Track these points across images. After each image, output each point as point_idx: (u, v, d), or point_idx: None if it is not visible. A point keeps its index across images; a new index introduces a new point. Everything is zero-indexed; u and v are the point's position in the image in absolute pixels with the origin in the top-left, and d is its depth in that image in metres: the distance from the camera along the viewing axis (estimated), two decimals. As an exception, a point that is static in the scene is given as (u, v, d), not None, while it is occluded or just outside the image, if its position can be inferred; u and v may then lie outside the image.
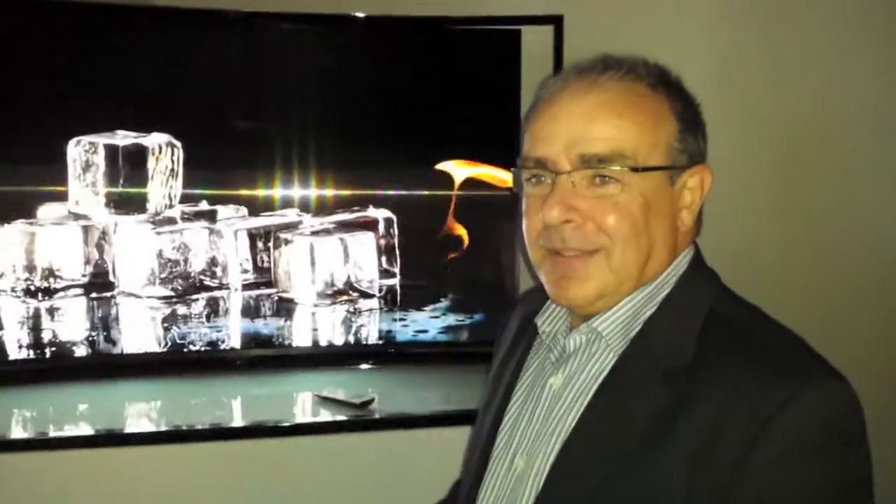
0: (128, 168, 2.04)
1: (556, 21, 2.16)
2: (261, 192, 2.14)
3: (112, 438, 1.78)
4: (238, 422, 1.93)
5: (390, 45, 2.21)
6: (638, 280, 0.99)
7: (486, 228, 2.23)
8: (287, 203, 2.16)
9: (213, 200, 2.12)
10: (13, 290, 1.99)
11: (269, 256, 2.16)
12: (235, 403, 2.04)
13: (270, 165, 2.14)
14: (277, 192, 2.15)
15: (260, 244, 2.15)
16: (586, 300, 1.00)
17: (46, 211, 2.01)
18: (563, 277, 1.00)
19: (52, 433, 1.79)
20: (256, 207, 2.15)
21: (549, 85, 1.03)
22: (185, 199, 2.10)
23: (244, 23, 2.14)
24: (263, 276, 2.17)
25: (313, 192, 2.16)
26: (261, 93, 2.14)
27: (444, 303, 2.24)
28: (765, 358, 0.90)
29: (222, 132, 2.12)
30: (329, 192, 2.17)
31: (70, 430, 1.80)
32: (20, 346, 2.01)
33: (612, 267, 0.98)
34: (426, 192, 2.19)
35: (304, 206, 2.16)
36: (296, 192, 2.16)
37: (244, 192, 2.13)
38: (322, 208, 2.17)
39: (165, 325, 2.10)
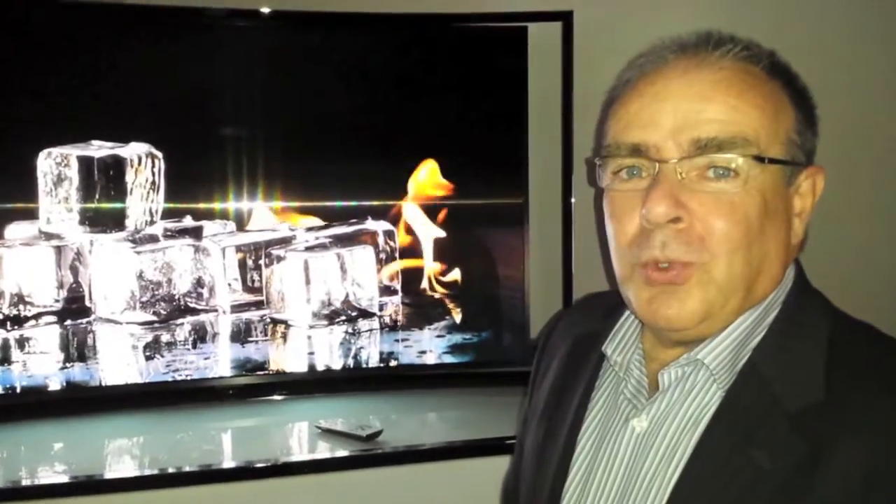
0: (104, 181, 1.87)
1: (566, 17, 2.05)
2: (249, 205, 1.98)
3: (91, 485, 1.60)
4: (229, 460, 1.77)
5: (392, 45, 2.07)
6: (746, 299, 0.84)
7: (492, 239, 2.09)
8: (277, 216, 2.00)
9: (199, 215, 1.95)
10: (-22, 318, 1.81)
11: (259, 275, 1.99)
12: (226, 437, 1.88)
13: (259, 176, 1.98)
14: (268, 205, 1.98)
15: (250, 262, 1.98)
16: (690, 321, 0.83)
17: (14, 230, 1.83)
18: (661, 294, 0.84)
19: (24, 479, 1.60)
20: (245, 222, 1.98)
21: (639, 64, 0.88)
22: (167, 215, 1.93)
23: (230, 22, 1.97)
24: (254, 297, 2.00)
25: (307, 204, 2.00)
26: (249, 98, 1.99)
27: (449, 320, 2.08)
28: None
29: (206, 141, 1.95)
30: (324, 204, 2.01)
31: (44, 476, 1.62)
32: (-14, 382, 1.83)
33: (718, 282, 0.82)
34: (424, 202, 2.05)
35: (296, 220, 2.00)
36: (288, 204, 2.00)
37: (231, 205, 1.97)
38: (316, 221, 2.01)
39: (148, 353, 1.93)
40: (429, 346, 2.08)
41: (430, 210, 2.05)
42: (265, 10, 1.96)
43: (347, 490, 1.71)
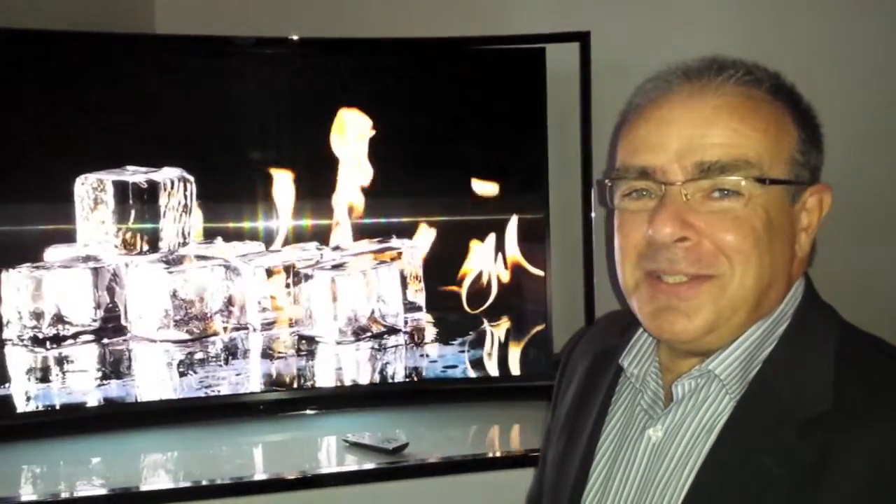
0: (138, 205, 1.94)
1: (583, 38, 2.07)
2: (278, 226, 2.03)
3: (128, 498, 1.65)
4: (261, 473, 1.80)
5: (411, 69, 2.12)
6: (755, 311, 0.87)
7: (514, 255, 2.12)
8: (306, 236, 2.05)
9: (229, 236, 2.01)
10: (20, 338, 1.88)
11: (288, 293, 2.04)
12: (257, 451, 1.93)
13: (287, 197, 2.03)
14: (295, 225, 2.04)
15: (279, 280, 2.04)
16: (696, 334, 0.86)
17: (53, 253, 1.90)
18: (665, 308, 0.87)
19: (64, 492, 1.66)
20: (273, 242, 2.04)
21: (647, 89, 0.92)
22: (199, 236, 2.00)
23: (255, 50, 2.04)
24: (283, 314, 2.05)
25: (333, 223, 2.05)
26: (274, 122, 2.04)
27: (473, 335, 2.12)
28: None
29: (235, 164, 2.01)
30: (350, 223, 2.07)
31: (83, 489, 1.67)
32: (28, 399, 1.90)
33: (728, 294, 0.85)
34: (449, 218, 2.09)
35: (324, 239, 2.05)
36: (315, 223, 2.05)
37: (260, 225, 2.03)
38: (343, 240, 2.06)
39: (181, 370, 1.99)
40: (453, 361, 2.11)
41: (455, 226, 2.09)
42: (294, 37, 2.02)
43: (374, 502, 1.74)
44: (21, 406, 1.89)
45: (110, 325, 1.94)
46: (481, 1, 2.26)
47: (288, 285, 2.03)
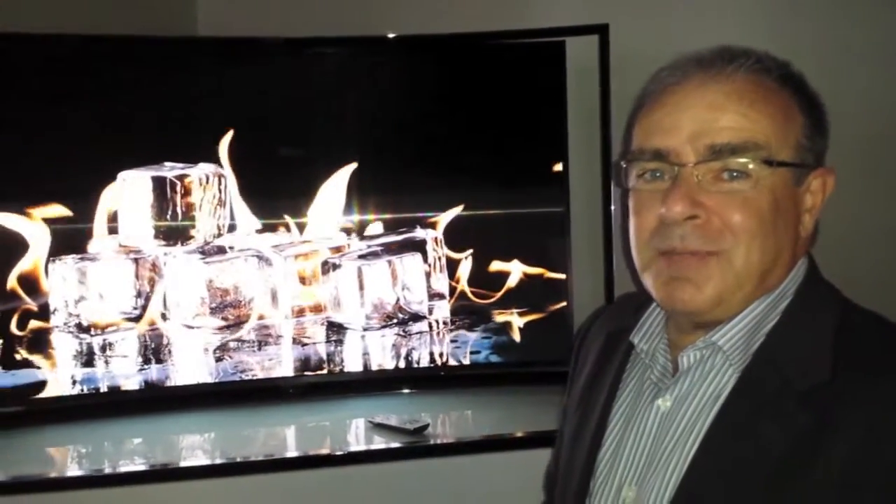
0: (176, 199, 2.04)
1: (602, 30, 2.11)
2: (307, 220, 2.12)
3: (167, 473, 1.75)
4: (292, 451, 1.89)
5: (431, 65, 2.20)
6: (759, 287, 0.92)
7: (535, 245, 2.18)
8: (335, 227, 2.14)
9: (261, 228, 2.11)
10: (66, 325, 1.99)
11: (318, 282, 2.13)
12: (289, 432, 2.01)
13: (316, 190, 2.12)
14: (325, 217, 2.12)
15: (309, 270, 2.12)
16: (704, 304, 0.92)
17: (97, 245, 2.01)
18: (676, 279, 0.92)
19: (107, 469, 1.76)
20: (303, 233, 2.13)
21: (662, 77, 0.97)
22: (232, 228, 2.10)
23: (284, 49, 2.14)
24: (313, 302, 2.14)
25: (360, 216, 2.14)
26: (304, 118, 2.13)
27: (496, 323, 2.18)
28: None
29: (267, 159, 2.11)
30: (375, 216, 2.15)
31: (125, 466, 1.78)
32: (73, 382, 2.01)
33: (735, 269, 0.90)
34: (475, 212, 2.15)
35: (351, 230, 2.14)
36: (343, 216, 2.14)
37: (291, 218, 2.12)
38: (369, 231, 2.15)
39: (217, 355, 2.09)
40: (477, 347, 2.18)
41: (481, 220, 2.15)
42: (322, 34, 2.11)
43: (397, 478, 1.82)
44: (67, 389, 2.01)
45: (150, 313, 2.04)
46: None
47: (317, 274, 2.12)
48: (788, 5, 2.18)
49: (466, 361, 2.18)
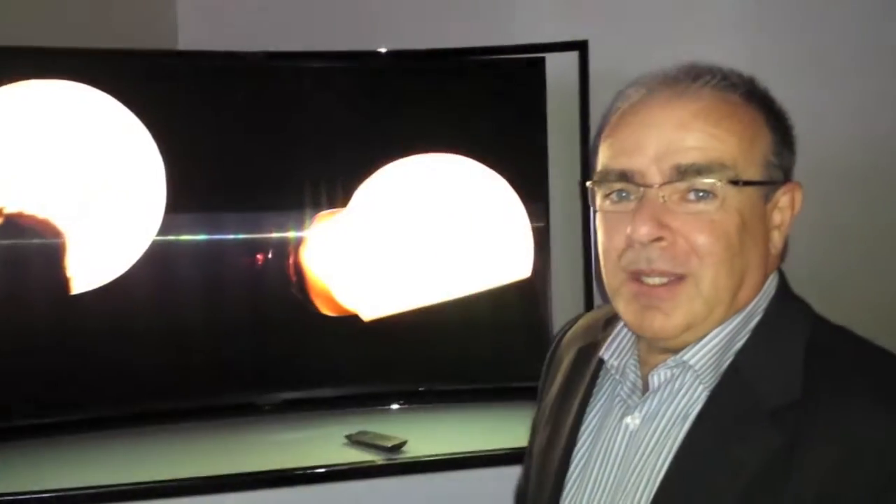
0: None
1: (581, 46, 2.12)
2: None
3: (140, 492, 1.73)
4: (268, 468, 1.85)
5: (412, 80, 2.19)
6: (730, 307, 0.90)
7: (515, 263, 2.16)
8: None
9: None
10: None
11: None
12: (265, 449, 1.98)
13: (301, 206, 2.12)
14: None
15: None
16: (674, 332, 0.90)
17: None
18: (647, 308, 0.91)
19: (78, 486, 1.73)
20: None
21: (628, 94, 0.96)
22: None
23: (270, 64, 2.14)
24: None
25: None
26: (277, 133, 2.13)
27: (475, 340, 2.16)
28: (884, 395, 0.82)
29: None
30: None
31: (91, 483, 1.75)
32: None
33: (703, 294, 0.89)
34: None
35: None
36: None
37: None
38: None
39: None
40: (455, 363, 2.17)
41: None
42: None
43: (374, 495, 1.81)
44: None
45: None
46: (483, 13, 2.30)
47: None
48: (769, 22, 2.20)
49: (446, 377, 2.17)
